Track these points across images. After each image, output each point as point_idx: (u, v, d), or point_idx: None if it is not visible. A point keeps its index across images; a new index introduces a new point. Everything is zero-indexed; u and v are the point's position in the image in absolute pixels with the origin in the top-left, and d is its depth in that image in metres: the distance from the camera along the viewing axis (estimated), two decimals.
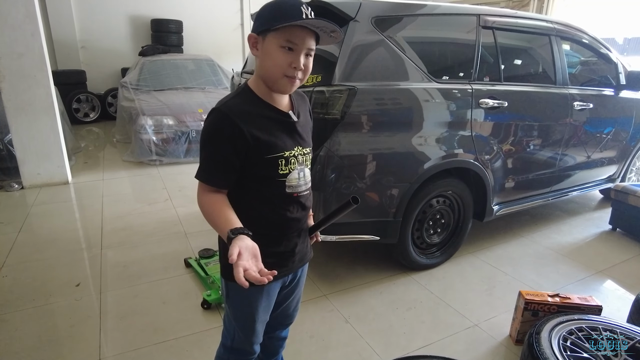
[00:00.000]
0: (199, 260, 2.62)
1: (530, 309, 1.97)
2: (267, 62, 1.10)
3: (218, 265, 2.53)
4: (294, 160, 1.18)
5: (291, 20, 1.02)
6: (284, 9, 1.05)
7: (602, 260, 2.92)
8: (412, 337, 2.09)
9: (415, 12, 2.50)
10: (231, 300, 1.27)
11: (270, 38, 1.07)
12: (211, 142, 1.11)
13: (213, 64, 6.34)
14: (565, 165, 3.27)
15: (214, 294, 2.27)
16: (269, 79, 1.12)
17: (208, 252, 2.68)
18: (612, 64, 3.51)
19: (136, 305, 2.31)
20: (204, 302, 2.26)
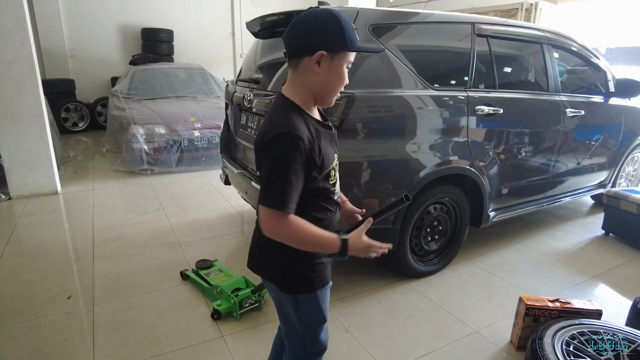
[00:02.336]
0: (197, 272, 2.56)
1: (531, 314, 1.97)
2: (333, 79, 1.13)
3: (220, 275, 2.51)
4: (336, 167, 1.23)
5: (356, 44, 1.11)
6: (352, 30, 1.10)
7: (597, 265, 2.95)
8: (413, 345, 2.07)
9: (410, 20, 2.52)
10: (302, 309, 1.26)
11: (341, 57, 1.11)
12: (289, 168, 1.06)
13: (205, 73, 6.32)
14: (558, 172, 3.30)
15: (225, 303, 2.24)
16: (327, 95, 1.16)
17: (205, 263, 2.63)
18: (601, 71, 3.58)
19: (130, 317, 2.25)
20: (214, 312, 2.22)
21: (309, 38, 1.09)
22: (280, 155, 1.06)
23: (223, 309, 2.21)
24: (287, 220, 1.08)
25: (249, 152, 2.94)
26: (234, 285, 2.32)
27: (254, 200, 2.89)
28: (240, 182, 2.99)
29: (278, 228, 1.10)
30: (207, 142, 5.05)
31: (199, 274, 2.54)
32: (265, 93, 2.63)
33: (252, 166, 2.91)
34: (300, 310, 1.26)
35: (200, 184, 4.64)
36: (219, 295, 2.31)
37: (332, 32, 1.08)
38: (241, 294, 2.24)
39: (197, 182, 4.71)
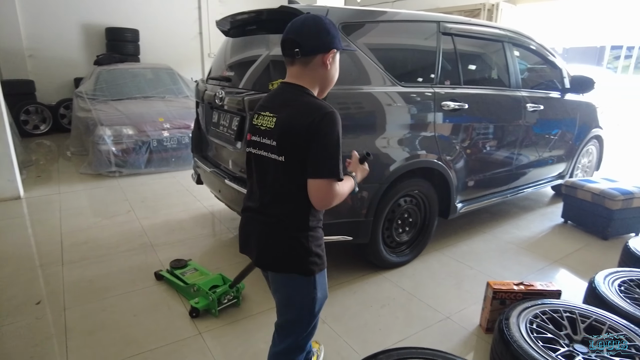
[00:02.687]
0: (172, 272, 2.55)
1: (498, 298, 2.08)
2: (336, 73, 1.36)
3: (195, 273, 2.51)
4: None
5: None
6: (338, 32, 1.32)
7: (557, 251, 3.12)
8: (388, 332, 2.14)
9: (378, 19, 2.59)
10: (318, 287, 1.37)
11: (338, 54, 1.34)
12: (340, 141, 1.24)
13: (173, 72, 6.23)
14: (520, 164, 3.46)
15: (203, 301, 2.24)
16: (329, 86, 1.37)
17: (180, 263, 2.62)
18: (558, 69, 3.78)
19: (105, 319, 2.22)
20: (192, 310, 2.22)
21: (321, 38, 1.28)
22: (337, 131, 1.23)
23: (201, 306, 2.21)
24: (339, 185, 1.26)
25: (222, 150, 2.94)
26: (211, 283, 2.33)
27: (227, 199, 2.90)
28: (213, 181, 2.98)
29: (337, 194, 1.26)
30: (177, 143, 4.99)
31: (174, 273, 2.53)
32: (237, 90, 2.64)
33: (225, 164, 2.91)
34: (317, 289, 1.36)
35: (171, 184, 4.59)
36: (196, 293, 2.31)
37: (335, 33, 1.30)
38: (219, 290, 2.25)
39: (168, 183, 4.65)
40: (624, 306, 1.94)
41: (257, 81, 2.57)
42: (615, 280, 2.17)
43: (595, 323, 1.82)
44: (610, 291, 2.06)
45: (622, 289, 2.11)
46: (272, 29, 2.65)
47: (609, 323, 1.80)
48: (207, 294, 2.23)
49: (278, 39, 2.59)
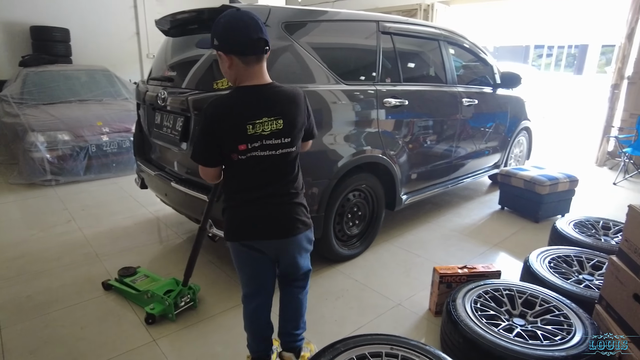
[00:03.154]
0: (122, 280, 2.46)
1: (444, 282, 2.20)
2: None
3: (147, 280, 2.45)
4: None
5: None
6: None
7: (496, 235, 3.35)
8: (343, 323, 2.20)
9: (319, 18, 2.64)
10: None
11: None
12: None
13: (110, 74, 5.92)
14: (459, 156, 3.67)
15: (158, 306, 2.18)
16: None
17: (129, 270, 2.53)
18: (489, 65, 4.04)
19: (48, 335, 2.10)
20: (148, 317, 2.16)
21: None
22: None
23: (157, 312, 2.16)
24: None
25: (166, 152, 2.87)
26: (165, 288, 2.28)
27: (174, 202, 2.83)
28: (159, 184, 2.90)
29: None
30: (117, 147, 4.78)
31: (123, 282, 2.44)
32: (180, 90, 2.59)
33: (170, 167, 2.85)
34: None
35: (113, 191, 4.39)
36: (150, 299, 2.25)
37: None
38: (173, 293, 2.21)
39: (109, 189, 4.45)
40: (553, 280, 2.13)
41: (200, 81, 2.53)
42: (545, 258, 2.38)
43: (530, 297, 1.98)
44: (542, 268, 2.26)
45: (552, 265, 2.32)
46: None
47: (541, 296, 1.97)
48: (163, 299, 2.18)
49: None
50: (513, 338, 1.68)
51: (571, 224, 2.88)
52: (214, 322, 2.21)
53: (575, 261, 2.38)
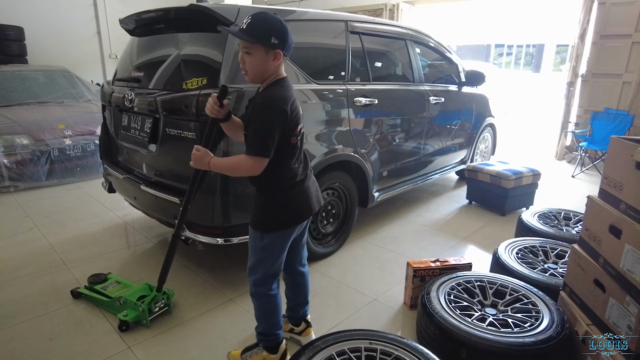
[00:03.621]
0: (92, 287, 2.38)
1: (418, 275, 2.25)
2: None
3: (118, 286, 2.40)
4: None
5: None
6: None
7: (465, 229, 3.45)
8: (321, 321, 2.22)
9: (287, 18, 2.63)
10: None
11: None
12: None
13: (70, 75, 5.69)
14: (427, 153, 3.76)
15: (132, 313, 2.13)
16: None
17: (99, 277, 2.45)
18: (454, 64, 4.15)
19: (14, 349, 2.00)
20: (121, 324, 2.10)
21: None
22: None
23: (131, 318, 2.11)
24: None
25: (134, 155, 2.80)
26: (138, 293, 2.22)
27: (144, 205, 2.77)
28: (127, 187, 2.83)
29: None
30: (82, 150, 4.61)
31: (94, 289, 2.36)
32: (148, 91, 2.53)
33: (139, 169, 2.78)
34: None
35: (78, 196, 4.24)
36: (123, 306, 2.19)
37: None
38: (147, 298, 2.16)
39: (74, 194, 4.29)
40: (520, 270, 2.22)
41: (168, 81, 2.49)
42: (513, 249, 2.48)
43: (500, 288, 2.06)
44: (510, 259, 2.35)
45: (519, 255, 2.42)
46: (181, 28, 2.58)
47: (510, 286, 2.05)
48: (136, 305, 2.13)
49: (188, 37, 2.57)
50: (486, 327, 1.74)
51: (535, 216, 3.01)
52: (190, 326, 2.18)
53: (540, 251, 2.49)
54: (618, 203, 1.67)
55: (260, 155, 1.51)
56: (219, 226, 2.29)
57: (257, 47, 1.49)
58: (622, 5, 5.30)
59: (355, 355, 1.62)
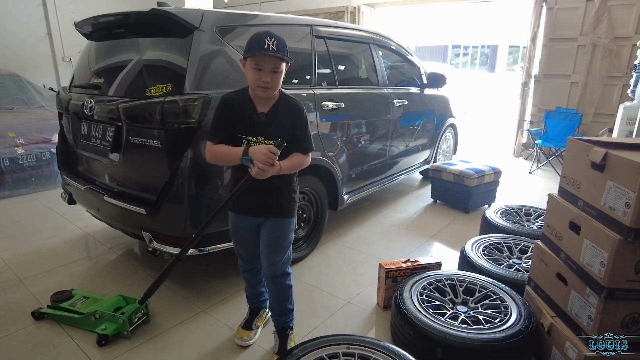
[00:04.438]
0: (58, 305, 2.25)
1: (390, 276, 2.29)
2: (249, 77, 1.68)
3: (88, 301, 2.30)
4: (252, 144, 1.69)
5: (252, 51, 1.60)
6: (252, 43, 1.61)
7: (432, 228, 3.54)
8: (297, 327, 2.20)
9: (250, 22, 2.60)
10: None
11: (247, 61, 1.65)
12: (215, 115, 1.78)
13: (20, 79, 5.37)
14: (393, 154, 3.83)
15: (110, 326, 2.06)
16: (253, 89, 1.70)
17: (64, 294, 2.31)
18: (416, 67, 4.25)
19: None
20: (101, 338, 2.03)
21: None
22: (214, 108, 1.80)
23: (111, 331, 2.04)
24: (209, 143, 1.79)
25: (96, 164, 2.69)
26: (114, 306, 2.16)
27: (108, 217, 2.67)
28: (89, 198, 2.72)
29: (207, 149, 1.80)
30: (36, 160, 4.37)
31: (60, 307, 2.24)
32: (108, 99, 2.44)
33: (101, 179, 2.67)
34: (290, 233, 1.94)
35: (34, 208, 4.02)
36: (99, 320, 2.10)
37: (245, 46, 1.64)
38: (127, 309, 2.10)
39: (29, 206, 4.06)
40: (487, 267, 2.30)
41: (130, 88, 2.41)
42: (479, 246, 2.56)
43: (470, 285, 2.13)
44: (477, 256, 2.43)
45: (485, 252, 2.50)
46: (143, 33, 2.51)
47: (479, 283, 2.12)
48: (115, 317, 2.06)
49: (149, 42, 2.50)
50: (459, 325, 1.79)
51: (498, 213, 3.12)
52: (162, 340, 2.11)
53: (505, 247, 2.59)
54: (576, 200, 1.76)
55: (313, 149, 1.81)
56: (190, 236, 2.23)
57: (283, 65, 1.67)
58: (568, 10, 5.61)
59: None
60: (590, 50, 5.46)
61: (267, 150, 1.58)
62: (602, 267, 1.53)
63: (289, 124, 1.75)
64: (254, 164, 1.59)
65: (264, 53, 1.58)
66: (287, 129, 1.73)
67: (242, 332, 2.10)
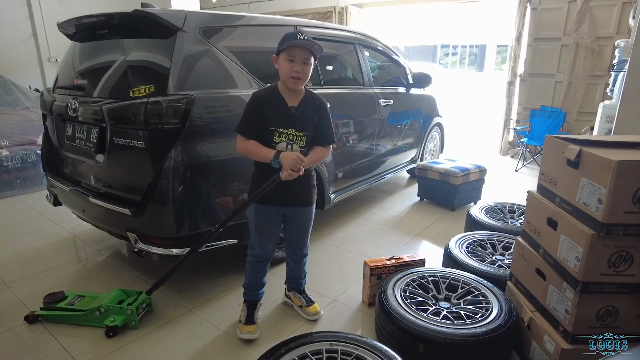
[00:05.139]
0: (53, 306, 2.25)
1: (375, 274, 2.32)
2: (282, 71, 1.88)
3: (86, 299, 2.30)
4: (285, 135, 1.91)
5: (287, 42, 1.82)
6: (285, 37, 1.86)
7: (418, 226, 3.58)
8: (283, 325, 2.23)
9: (236, 23, 2.62)
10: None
11: (280, 55, 1.88)
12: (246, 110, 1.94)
13: (4, 80, 5.30)
14: (379, 153, 3.86)
15: (118, 318, 2.14)
16: (283, 79, 1.90)
17: (57, 296, 2.30)
18: (402, 67, 4.29)
19: None
20: (109, 330, 2.11)
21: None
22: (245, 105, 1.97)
23: (120, 322, 2.13)
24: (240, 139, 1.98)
25: (81, 166, 2.68)
26: (116, 299, 2.22)
27: (94, 218, 2.66)
28: (75, 200, 2.71)
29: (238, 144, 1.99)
30: (21, 162, 4.33)
31: (57, 307, 2.24)
32: (92, 100, 2.44)
33: (86, 181, 2.66)
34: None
35: (20, 210, 3.98)
36: (104, 314, 2.15)
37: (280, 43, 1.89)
38: (139, 299, 2.21)
39: (14, 209, 4.03)
40: (470, 263, 2.34)
41: (114, 89, 2.41)
42: (463, 243, 2.60)
43: (452, 281, 2.16)
44: (461, 253, 2.47)
45: (469, 249, 2.54)
46: (126, 34, 2.50)
47: (462, 279, 2.16)
48: (122, 309, 2.15)
49: (134, 43, 2.50)
50: (440, 321, 1.82)
51: (483, 210, 3.17)
52: (148, 340, 2.12)
53: (488, 244, 2.63)
54: (554, 197, 1.81)
55: (335, 142, 2.03)
56: (180, 236, 2.24)
57: (312, 58, 1.87)
58: (551, 10, 5.70)
59: (317, 357, 1.65)
60: (574, 50, 5.55)
61: (297, 157, 1.80)
62: (577, 262, 1.57)
63: (316, 118, 1.96)
64: (282, 168, 1.80)
65: (296, 44, 1.79)
66: (314, 122, 1.96)
67: (247, 327, 2.13)
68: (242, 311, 2.21)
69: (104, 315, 2.16)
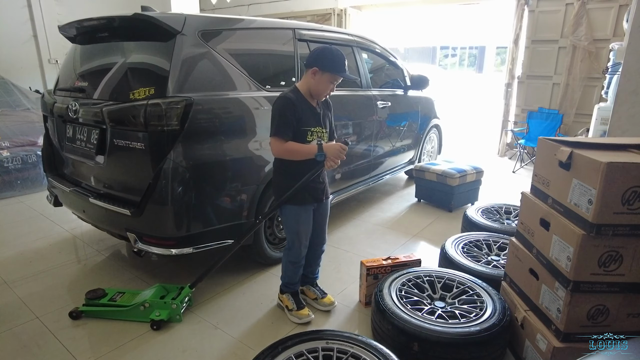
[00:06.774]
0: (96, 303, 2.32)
1: (371, 273, 2.35)
2: (318, 86, 2.05)
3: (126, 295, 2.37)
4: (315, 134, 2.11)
5: (340, 72, 2.03)
6: (338, 62, 2.01)
7: (415, 226, 3.61)
8: (280, 325, 2.26)
9: (235, 26, 2.65)
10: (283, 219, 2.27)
11: (326, 74, 2.01)
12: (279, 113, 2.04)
13: (5, 82, 5.33)
14: (378, 155, 3.89)
15: (164, 312, 2.23)
16: (314, 92, 2.08)
17: (98, 292, 2.38)
18: (399, 69, 4.32)
19: None
20: (154, 323, 2.21)
21: (312, 58, 2.04)
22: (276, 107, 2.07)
23: (165, 316, 2.22)
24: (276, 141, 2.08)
25: (81, 167, 2.71)
26: (158, 294, 2.32)
27: (94, 218, 2.69)
28: (75, 201, 2.74)
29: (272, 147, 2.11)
30: (22, 162, 4.36)
31: (101, 304, 2.32)
32: (93, 102, 2.47)
33: (86, 182, 2.69)
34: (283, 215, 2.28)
35: (20, 210, 4.01)
36: (149, 309, 2.24)
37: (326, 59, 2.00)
38: (182, 294, 2.30)
39: (15, 209, 4.05)
40: (466, 263, 2.37)
41: (114, 91, 2.44)
42: (459, 244, 2.63)
43: (448, 281, 2.19)
44: (456, 253, 2.50)
45: (465, 250, 2.57)
46: (126, 36, 2.54)
47: (457, 279, 2.19)
48: (167, 304, 2.24)
49: (133, 46, 2.53)
50: (435, 320, 1.85)
51: (479, 211, 3.20)
52: (147, 338, 2.15)
53: (484, 244, 2.66)
54: (546, 198, 1.84)
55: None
56: (179, 236, 2.27)
57: None
58: (549, 13, 5.74)
59: (313, 355, 1.68)
60: (571, 52, 5.59)
61: (340, 147, 2.02)
62: (569, 262, 1.60)
63: (329, 115, 2.24)
64: (326, 158, 2.01)
65: (345, 77, 2.07)
66: (330, 119, 2.24)
67: (302, 311, 2.28)
68: (287, 301, 2.33)
69: (149, 310, 2.24)
